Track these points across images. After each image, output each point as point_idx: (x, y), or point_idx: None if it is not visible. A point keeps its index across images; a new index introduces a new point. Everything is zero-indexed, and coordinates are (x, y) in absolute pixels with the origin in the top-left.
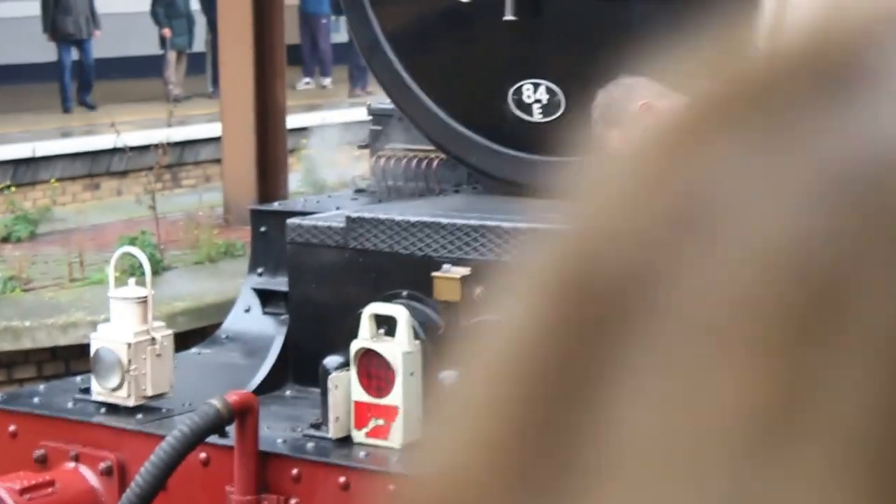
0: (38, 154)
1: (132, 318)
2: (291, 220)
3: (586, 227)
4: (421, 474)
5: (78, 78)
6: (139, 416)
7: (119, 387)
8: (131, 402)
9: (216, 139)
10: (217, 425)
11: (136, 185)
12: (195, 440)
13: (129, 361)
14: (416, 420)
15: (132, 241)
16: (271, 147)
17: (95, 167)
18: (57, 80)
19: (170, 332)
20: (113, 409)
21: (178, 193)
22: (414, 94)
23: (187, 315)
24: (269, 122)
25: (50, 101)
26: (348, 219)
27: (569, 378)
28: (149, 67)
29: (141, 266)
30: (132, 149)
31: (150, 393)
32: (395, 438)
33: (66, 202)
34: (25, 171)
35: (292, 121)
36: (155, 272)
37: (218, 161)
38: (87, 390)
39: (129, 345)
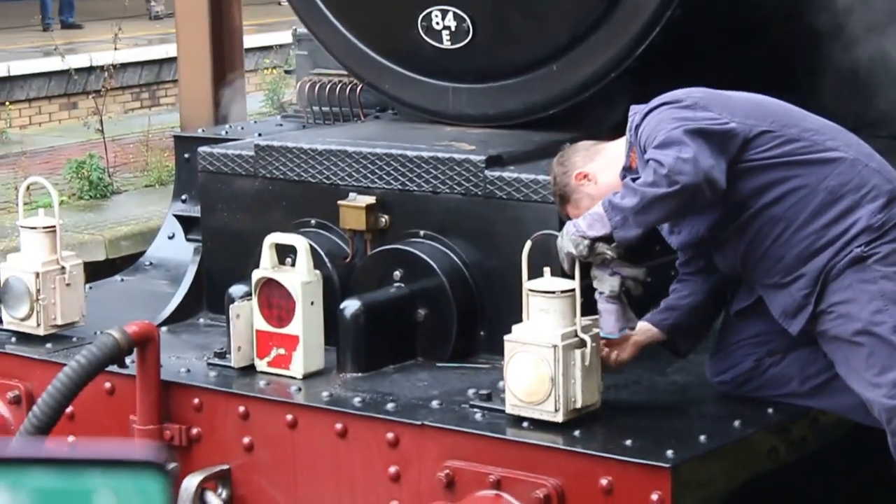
0: (14, 73)
1: (41, 248)
2: (203, 149)
3: None
4: None
5: None
6: (48, 345)
7: (28, 316)
8: (41, 332)
9: None
10: (115, 356)
11: (115, 104)
12: (93, 371)
13: (38, 291)
14: (318, 349)
15: (80, 165)
16: (228, 68)
17: (72, 86)
18: None
19: (79, 261)
20: (24, 338)
21: (155, 112)
22: (327, 20)
23: (131, 239)
24: (225, 43)
25: (31, 20)
26: (257, 147)
27: None
28: None
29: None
30: (115, 67)
31: (59, 322)
32: (297, 368)
33: (43, 121)
34: (0, 90)
35: (264, 39)
36: (104, 195)
37: None
38: None
39: (38, 274)
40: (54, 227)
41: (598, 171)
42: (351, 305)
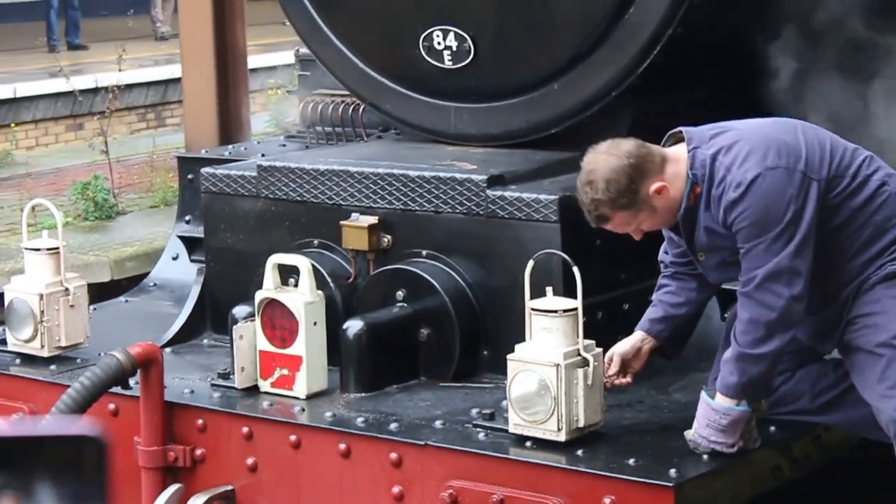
0: (20, 94)
1: (45, 270)
2: (205, 169)
3: None
4: None
5: (64, 17)
6: (53, 367)
7: (32, 338)
8: (45, 353)
9: None
10: (119, 377)
11: (121, 125)
12: (96, 392)
13: (42, 312)
14: (321, 370)
15: (85, 186)
16: (232, 89)
17: (78, 107)
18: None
19: (83, 282)
20: (28, 359)
21: (161, 132)
22: (329, 41)
23: (136, 260)
24: (229, 64)
25: (37, 41)
26: (259, 167)
27: None
28: (138, 4)
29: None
30: (119, 88)
31: (63, 343)
32: (300, 388)
33: (49, 143)
34: (7, 111)
35: (269, 59)
36: (109, 217)
37: None
38: (3, 341)
39: (42, 296)
40: (58, 248)
41: (671, 185)
42: (354, 325)
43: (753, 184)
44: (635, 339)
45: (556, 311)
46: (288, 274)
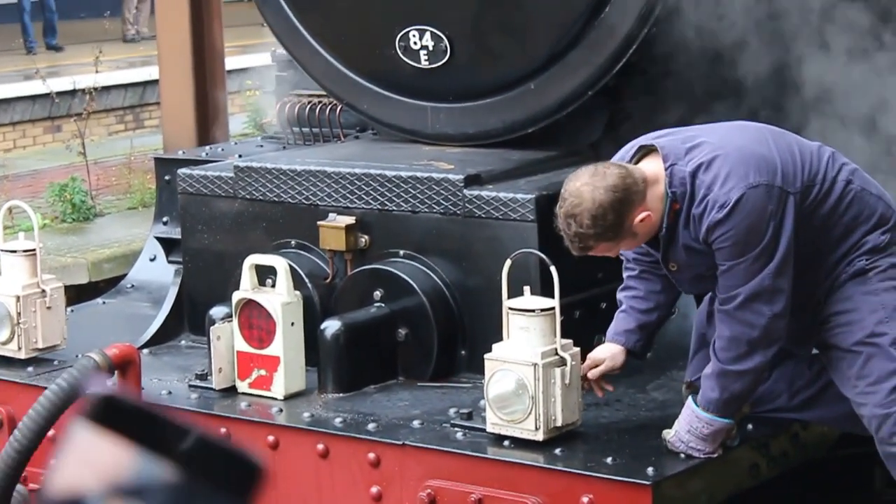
0: None
1: (21, 272)
2: (182, 170)
3: None
4: None
5: (42, 19)
6: (30, 368)
7: (9, 340)
8: (22, 355)
9: None
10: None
11: (99, 126)
12: (73, 394)
13: (19, 314)
14: (299, 370)
15: (63, 188)
16: (210, 91)
17: (55, 109)
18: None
19: (60, 284)
20: (6, 361)
21: (139, 134)
22: (306, 41)
23: (114, 262)
24: (206, 65)
25: (13, 43)
26: (236, 168)
27: None
28: (115, 7)
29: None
30: (96, 90)
31: (41, 345)
32: (278, 389)
33: (27, 145)
34: None
35: (247, 61)
36: (86, 218)
37: None
38: None
39: (18, 297)
40: (34, 250)
41: (654, 211)
42: (331, 326)
43: (738, 204)
44: (615, 351)
45: (533, 311)
46: (265, 274)
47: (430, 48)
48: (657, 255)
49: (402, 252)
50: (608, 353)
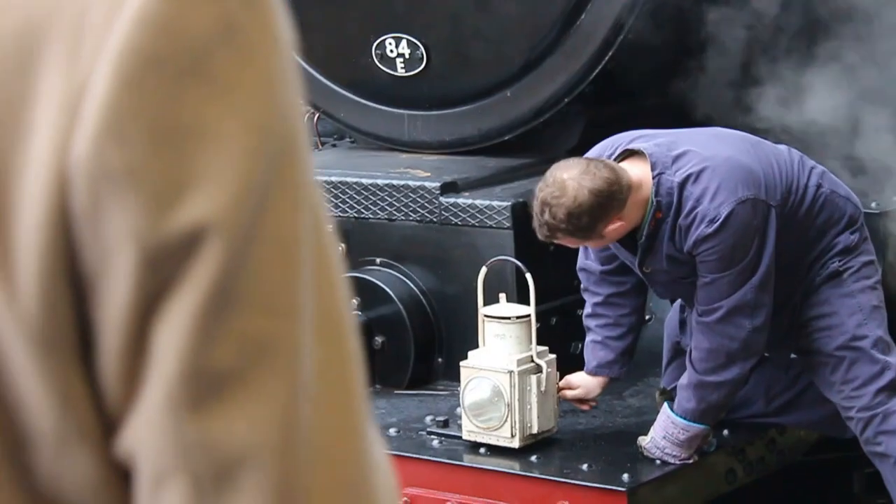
0: None
1: None
2: None
3: None
4: None
5: None
6: None
7: None
8: None
9: None
10: None
11: None
12: None
13: None
14: None
15: None
16: None
17: None
18: None
19: None
20: None
21: None
22: None
23: None
24: None
25: None
26: None
27: None
28: None
29: None
30: None
31: None
32: None
33: None
34: None
35: None
36: None
37: None
38: None
39: None
40: None
41: (628, 220)
42: None
43: (728, 219)
44: (592, 384)
45: (509, 318)
46: None
47: (407, 56)
48: (628, 260)
49: (378, 260)
50: (584, 383)
